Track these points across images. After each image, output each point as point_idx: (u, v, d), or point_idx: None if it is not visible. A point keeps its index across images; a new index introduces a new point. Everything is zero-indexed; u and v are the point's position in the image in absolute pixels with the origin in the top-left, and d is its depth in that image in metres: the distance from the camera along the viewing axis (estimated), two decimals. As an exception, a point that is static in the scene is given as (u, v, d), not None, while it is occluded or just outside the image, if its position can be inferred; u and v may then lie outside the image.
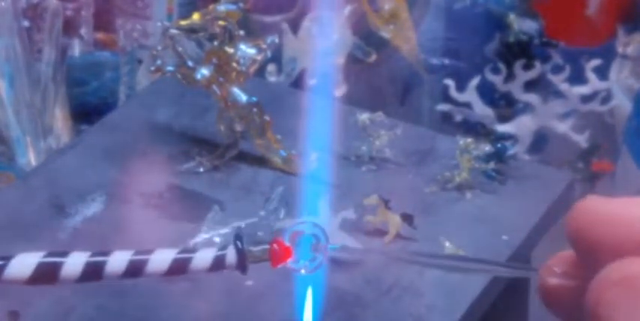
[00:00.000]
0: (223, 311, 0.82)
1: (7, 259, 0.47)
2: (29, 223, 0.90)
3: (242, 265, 0.47)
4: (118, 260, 0.47)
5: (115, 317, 0.82)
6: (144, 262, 0.47)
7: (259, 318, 0.82)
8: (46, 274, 0.47)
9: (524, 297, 1.00)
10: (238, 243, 0.47)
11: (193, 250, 0.47)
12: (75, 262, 0.47)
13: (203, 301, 0.82)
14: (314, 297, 0.50)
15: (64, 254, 0.47)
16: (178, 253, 0.47)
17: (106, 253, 0.47)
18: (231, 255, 0.47)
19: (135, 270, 0.47)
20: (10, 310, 0.80)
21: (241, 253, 0.47)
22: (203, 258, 0.47)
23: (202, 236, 0.87)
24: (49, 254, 0.48)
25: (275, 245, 0.47)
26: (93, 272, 0.47)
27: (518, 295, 0.99)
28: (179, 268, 0.47)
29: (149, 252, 0.47)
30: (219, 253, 0.47)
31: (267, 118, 0.94)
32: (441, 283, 0.85)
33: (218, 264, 0.47)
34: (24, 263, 0.48)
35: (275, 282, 0.82)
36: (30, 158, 1.19)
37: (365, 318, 0.82)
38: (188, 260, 0.47)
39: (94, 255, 0.47)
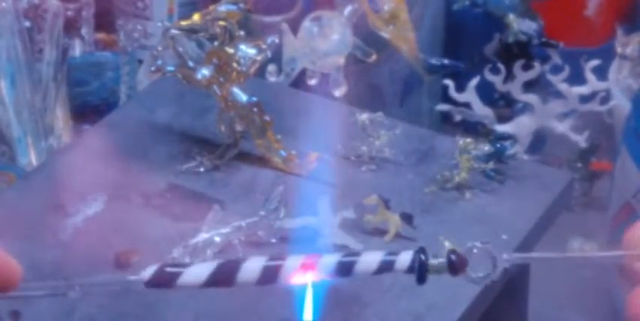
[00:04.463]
0: (223, 311, 0.82)
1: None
2: (30, 222, 0.91)
3: (422, 276, 0.54)
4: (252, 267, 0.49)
5: (115, 316, 0.82)
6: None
7: (259, 318, 0.82)
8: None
9: (524, 297, 1.01)
10: (422, 255, 0.51)
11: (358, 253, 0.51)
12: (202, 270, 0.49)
13: (203, 300, 0.83)
14: (314, 297, 0.51)
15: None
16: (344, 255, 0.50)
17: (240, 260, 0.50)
18: (403, 261, 0.50)
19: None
20: (12, 310, 0.81)
21: (422, 265, 0.51)
22: (371, 260, 0.50)
23: (203, 236, 0.87)
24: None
25: (453, 256, 0.50)
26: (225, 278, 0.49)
27: (518, 295, 0.99)
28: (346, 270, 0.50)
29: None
30: (390, 257, 0.50)
31: (267, 118, 0.94)
32: (441, 283, 0.85)
33: (386, 267, 0.50)
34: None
35: (275, 281, 0.82)
36: (31, 158, 1.19)
37: (364, 317, 0.82)
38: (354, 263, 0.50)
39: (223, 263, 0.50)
